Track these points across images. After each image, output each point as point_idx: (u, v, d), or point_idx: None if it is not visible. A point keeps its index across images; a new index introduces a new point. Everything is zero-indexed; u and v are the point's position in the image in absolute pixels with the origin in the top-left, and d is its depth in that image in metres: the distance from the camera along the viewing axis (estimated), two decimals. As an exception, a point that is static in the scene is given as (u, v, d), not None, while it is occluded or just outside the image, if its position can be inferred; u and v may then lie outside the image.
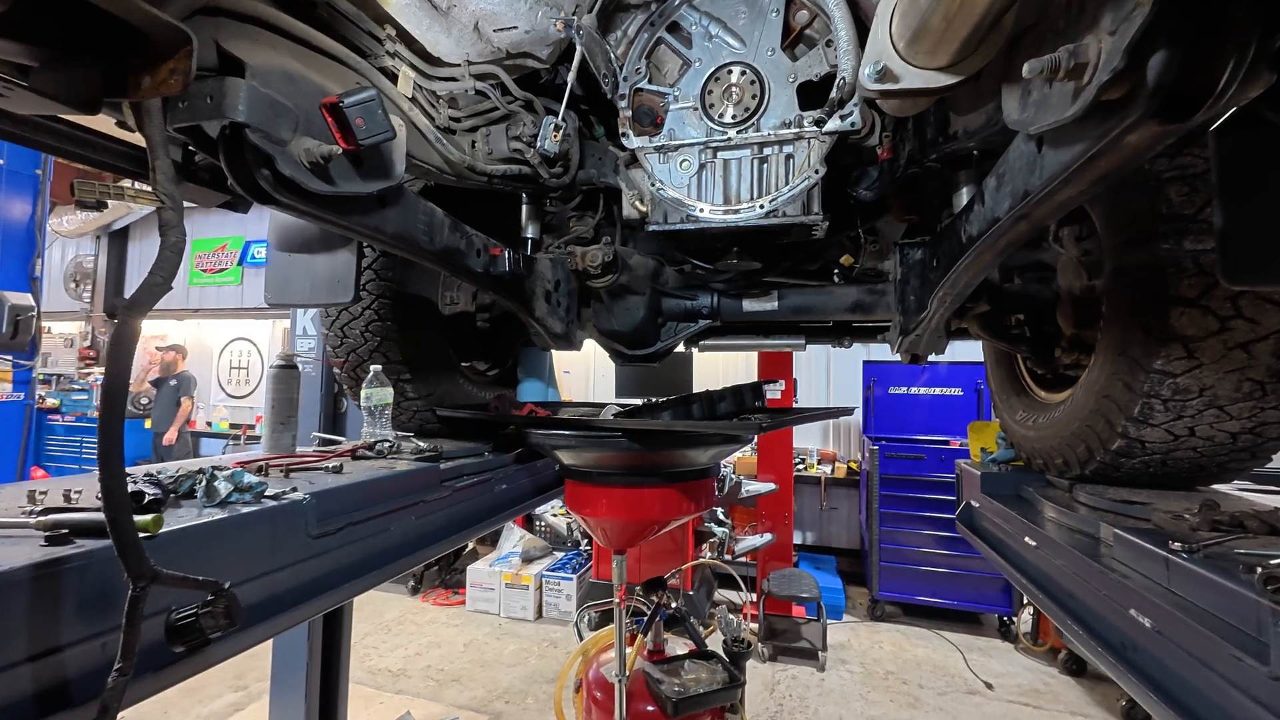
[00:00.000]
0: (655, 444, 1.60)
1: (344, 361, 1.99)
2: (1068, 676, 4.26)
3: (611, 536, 1.80)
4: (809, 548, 6.46)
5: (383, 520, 1.41)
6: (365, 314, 1.90)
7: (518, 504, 2.03)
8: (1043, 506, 1.63)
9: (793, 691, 4.04)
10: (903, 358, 1.92)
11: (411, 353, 1.97)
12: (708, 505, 1.85)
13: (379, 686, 3.97)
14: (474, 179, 1.52)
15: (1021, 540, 1.55)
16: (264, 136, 0.87)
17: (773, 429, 1.37)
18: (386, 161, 1.11)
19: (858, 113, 1.47)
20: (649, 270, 2.14)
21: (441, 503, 1.64)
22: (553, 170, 1.73)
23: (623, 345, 2.21)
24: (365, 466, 1.55)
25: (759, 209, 1.56)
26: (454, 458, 1.84)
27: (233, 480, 1.13)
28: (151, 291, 0.74)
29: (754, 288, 2.10)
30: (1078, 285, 1.63)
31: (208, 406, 9.36)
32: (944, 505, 5.08)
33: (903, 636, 4.90)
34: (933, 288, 1.50)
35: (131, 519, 0.71)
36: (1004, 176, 0.95)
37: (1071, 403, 1.61)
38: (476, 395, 2.30)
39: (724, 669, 1.96)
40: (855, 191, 1.72)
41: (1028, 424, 1.87)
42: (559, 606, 5.12)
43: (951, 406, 5.82)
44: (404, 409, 2.04)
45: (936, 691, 4.04)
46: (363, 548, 1.33)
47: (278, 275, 1.76)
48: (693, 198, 1.63)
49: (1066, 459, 1.63)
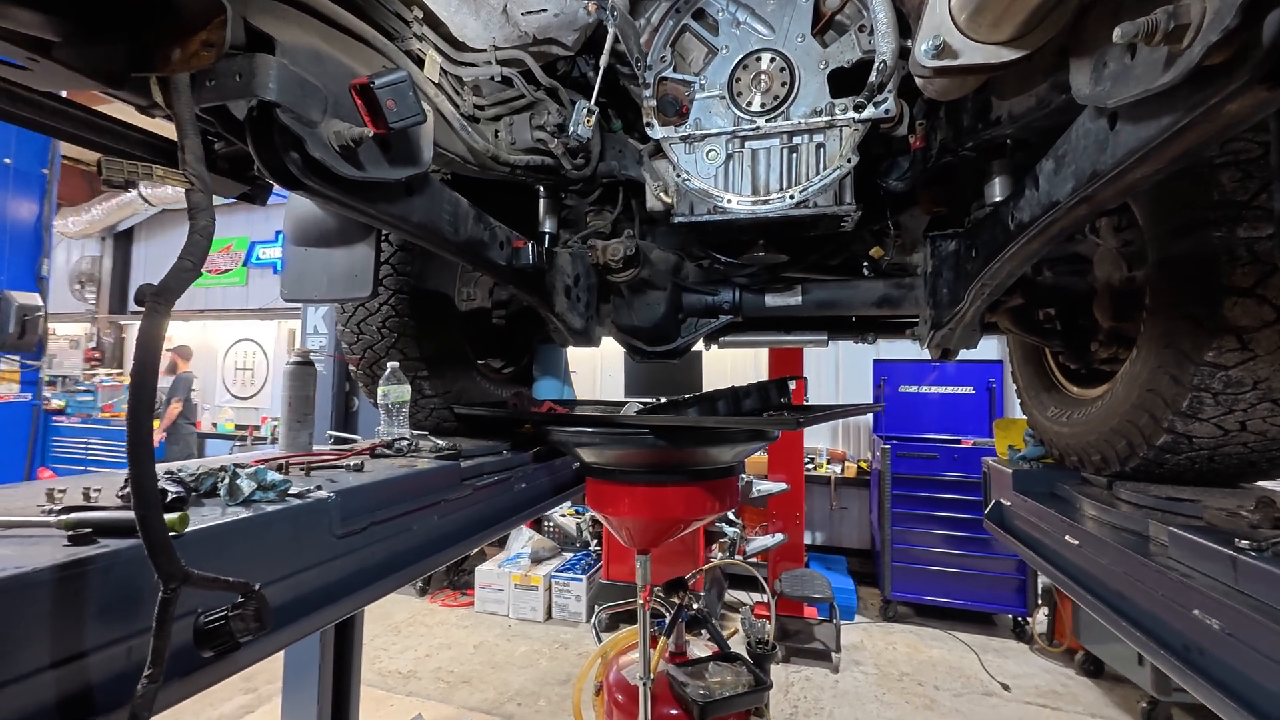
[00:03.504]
0: (683, 441, 1.56)
1: (360, 358, 1.95)
2: (1085, 678, 4.21)
3: (635, 536, 1.75)
4: (819, 548, 6.40)
5: (405, 520, 1.37)
6: (382, 310, 1.87)
7: (536, 503, 1.99)
8: (1081, 504, 1.59)
9: (807, 693, 4.00)
10: (932, 353, 1.87)
11: (429, 349, 1.93)
12: (731, 504, 1.80)
13: (389, 689, 3.93)
14: (496, 169, 1.49)
15: (1061, 539, 1.51)
16: (294, 117, 0.83)
17: (810, 424, 1.33)
18: (414, 147, 1.07)
19: (892, 99, 1.43)
20: (670, 265, 2.10)
21: (462, 502, 1.61)
22: (575, 161, 1.69)
23: (642, 341, 2.17)
24: (385, 465, 1.51)
25: (789, 199, 1.52)
26: (473, 456, 1.80)
27: (256, 478, 1.10)
28: (181, 278, 0.70)
29: (777, 282, 2.06)
30: (1117, 277, 1.59)
31: (213, 408, 9.35)
32: (956, 505, 5.03)
33: (916, 637, 4.85)
34: (969, 280, 1.45)
35: (162, 518, 0.67)
36: (1064, 158, 0.91)
37: (1110, 398, 1.56)
38: (493, 393, 2.26)
39: (748, 671, 1.91)
40: (885, 182, 1.68)
41: (1060, 420, 1.82)
42: (569, 608, 5.07)
43: (963, 405, 5.77)
44: (421, 407, 2.00)
45: (952, 693, 3.99)
46: (386, 548, 1.29)
47: (294, 270, 1.72)
48: (720, 188, 1.59)
49: (1105, 455, 1.58)
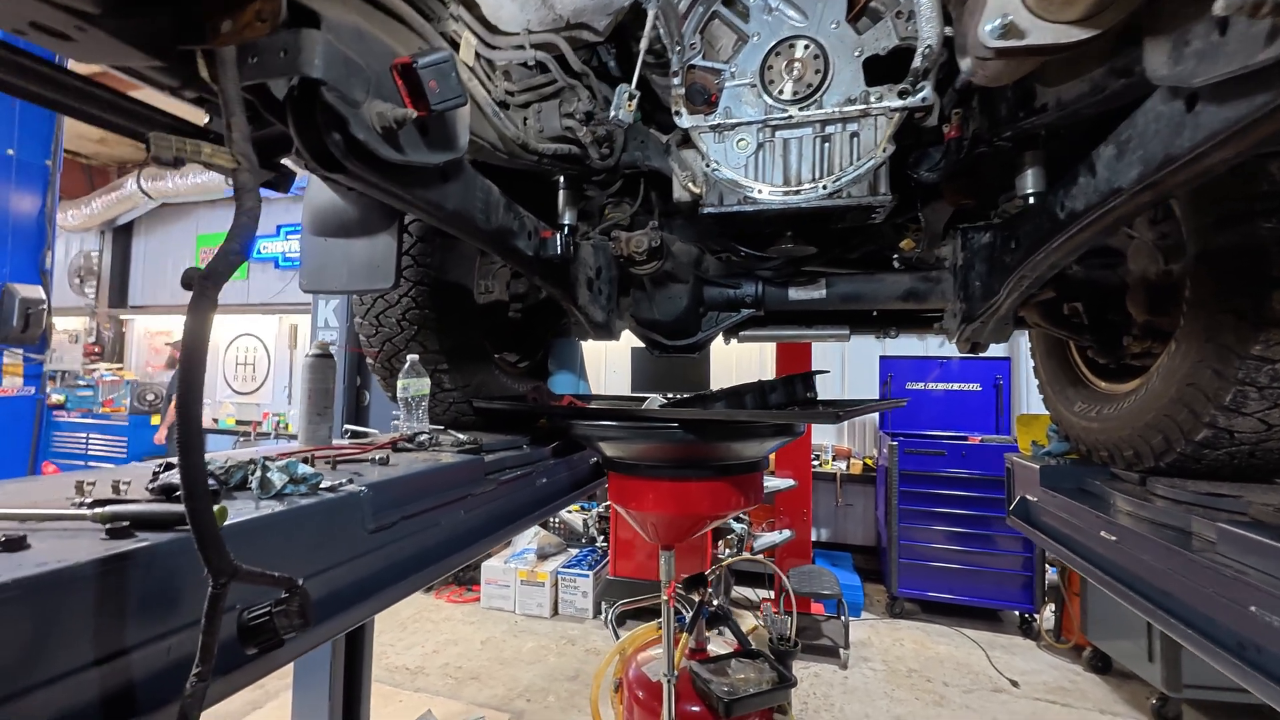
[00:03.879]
0: (711, 435, 1.53)
1: (379, 351, 1.92)
2: (1093, 674, 4.21)
3: (660, 531, 1.73)
4: (825, 544, 6.40)
5: (433, 514, 1.35)
6: (402, 301, 1.84)
7: (556, 498, 1.97)
8: (1114, 500, 1.57)
9: (816, 690, 3.99)
10: (960, 347, 1.85)
11: (449, 342, 1.90)
12: (756, 500, 1.78)
13: (398, 685, 3.91)
14: (525, 158, 1.46)
15: (1095, 535, 1.49)
16: (339, 97, 0.80)
17: (849, 417, 1.31)
18: (452, 132, 1.04)
19: (929, 87, 1.40)
20: (692, 258, 2.08)
21: (486, 496, 1.58)
22: (601, 151, 1.66)
23: (662, 335, 2.15)
24: (409, 459, 1.49)
25: (821, 190, 1.49)
26: (495, 450, 1.77)
27: (287, 471, 1.07)
28: (228, 261, 0.67)
29: (801, 275, 2.03)
30: (1153, 270, 1.56)
31: (214, 403, 9.29)
32: (963, 502, 5.02)
33: (923, 634, 4.85)
34: (1007, 272, 1.43)
35: (212, 512, 0.64)
36: (1129, 143, 0.89)
37: (1145, 392, 1.54)
38: (510, 387, 2.23)
39: (771, 668, 1.90)
40: (916, 174, 1.65)
41: (1089, 416, 1.80)
42: (575, 604, 5.06)
43: (970, 402, 5.76)
44: (439, 400, 1.97)
45: (962, 689, 3.99)
46: (415, 543, 1.27)
47: (314, 262, 1.69)
48: (750, 178, 1.56)
49: (1138, 451, 1.56)
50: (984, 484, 4.96)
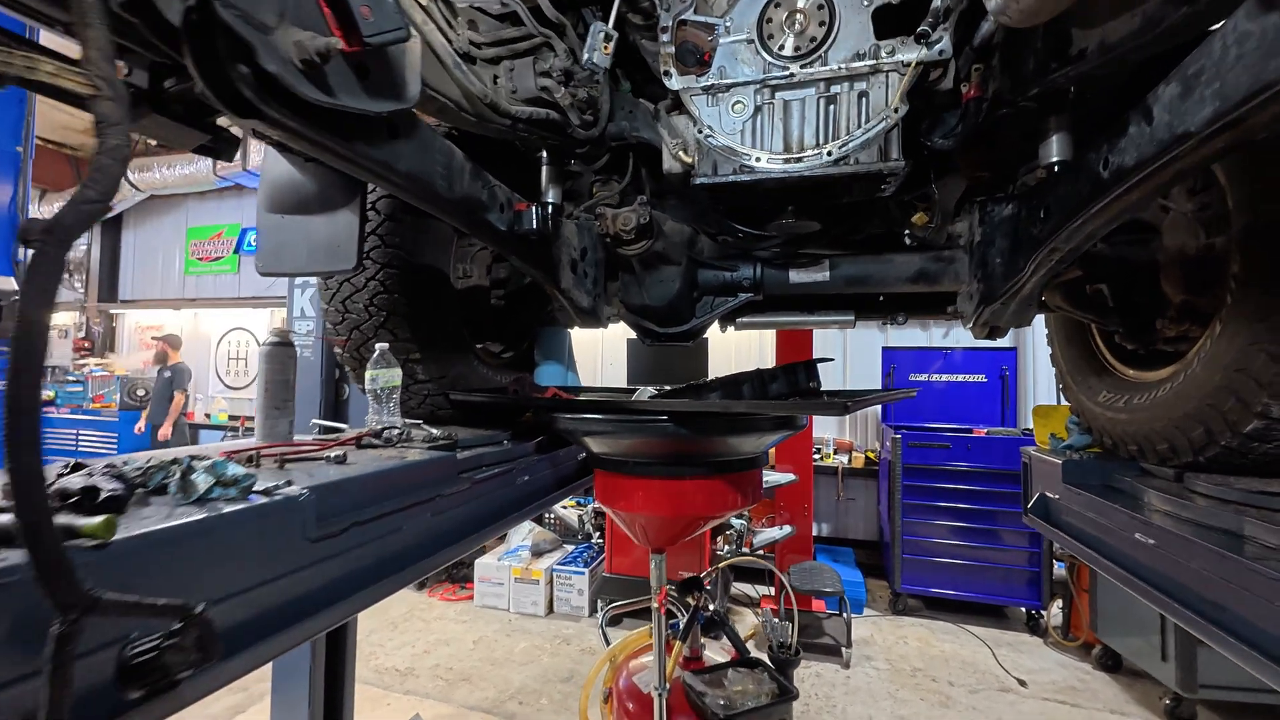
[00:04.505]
0: (705, 429, 1.39)
1: (346, 340, 1.78)
2: (1103, 673, 4.09)
3: (650, 534, 1.60)
4: (826, 539, 6.28)
5: (395, 518, 1.21)
6: (370, 285, 1.69)
7: (539, 497, 1.83)
8: (1147, 498, 1.43)
9: (818, 690, 3.88)
10: (976, 332, 1.71)
11: (422, 330, 1.76)
12: (755, 499, 1.65)
13: (386, 686, 3.80)
14: (496, 121, 1.30)
15: (1128, 537, 1.35)
16: (239, 16, 0.66)
17: (859, 407, 1.17)
18: (398, 76, 0.90)
19: (947, 39, 1.25)
20: (684, 238, 1.93)
21: (460, 497, 1.44)
22: (583, 118, 1.51)
23: (653, 322, 2.00)
24: (372, 456, 1.35)
25: (826, 156, 1.34)
26: (471, 446, 1.64)
27: (214, 472, 0.93)
28: (81, 212, 0.53)
29: (802, 256, 1.89)
30: (1192, 245, 1.42)
31: (206, 398, 9.16)
32: (968, 496, 4.89)
33: (927, 631, 4.73)
34: (1034, 246, 1.28)
35: (52, 525, 0.50)
36: (1199, 77, 0.74)
37: (1183, 380, 1.40)
38: (492, 379, 2.09)
39: (771, 679, 1.77)
40: (930, 140, 1.50)
41: (1116, 406, 1.66)
42: (570, 602, 4.94)
43: (975, 393, 5.62)
44: (413, 393, 1.83)
45: (968, 689, 3.87)
46: (372, 551, 1.13)
47: (270, 241, 1.54)
48: (747, 145, 1.41)
49: (1174, 444, 1.42)
50: (989, 477, 4.83)
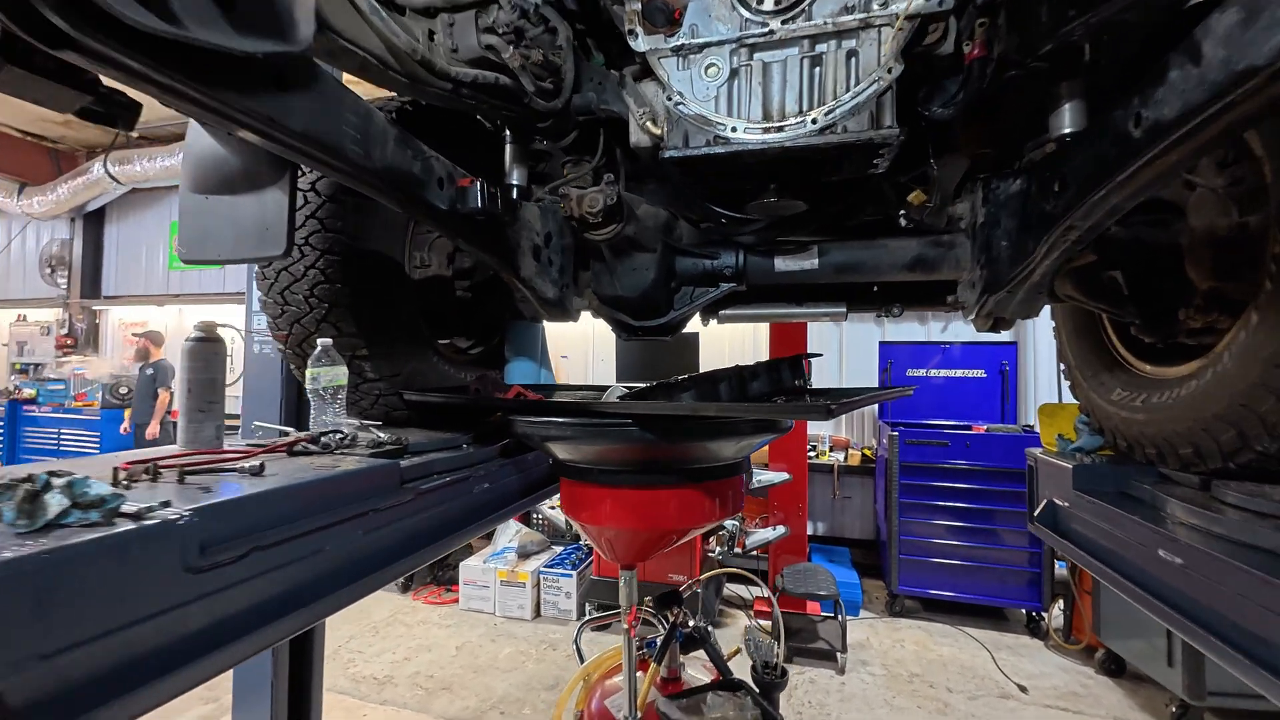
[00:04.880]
0: (675, 433, 1.24)
1: (287, 335, 1.62)
2: (1106, 677, 3.97)
3: (618, 549, 1.44)
4: (821, 539, 6.15)
5: (314, 538, 1.05)
6: (310, 274, 1.53)
7: (503, 506, 1.67)
8: (1168, 508, 1.28)
9: (811, 697, 3.74)
10: (978, 324, 1.55)
11: (370, 323, 1.60)
12: (736, 509, 1.50)
13: (362, 696, 3.65)
14: (432, 84, 1.14)
15: (1151, 554, 1.20)
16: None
17: (842, 411, 1.02)
18: (281, 13, 0.73)
19: (949, -14, 1.09)
20: (659, 222, 1.77)
21: (401, 510, 1.29)
22: (541, 85, 1.35)
23: (628, 315, 1.85)
24: (301, 466, 1.19)
25: (810, 124, 1.18)
26: (423, 451, 1.48)
27: (71, 492, 0.77)
28: None
29: (788, 242, 1.73)
30: (1223, 224, 1.26)
31: (191, 396, 8.98)
32: (967, 495, 4.75)
33: (925, 634, 4.60)
34: (1047, 224, 1.13)
35: None
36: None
37: (1211, 376, 1.25)
38: (455, 377, 1.93)
39: (754, 703, 1.62)
40: (928, 110, 1.34)
41: (1132, 405, 1.51)
42: (558, 605, 4.80)
43: (974, 389, 5.48)
44: (363, 393, 1.67)
45: (967, 696, 3.75)
46: (283, 579, 0.98)
47: (194, 226, 1.37)
48: (722, 113, 1.25)
49: (1200, 448, 1.28)
50: (989, 476, 4.69)
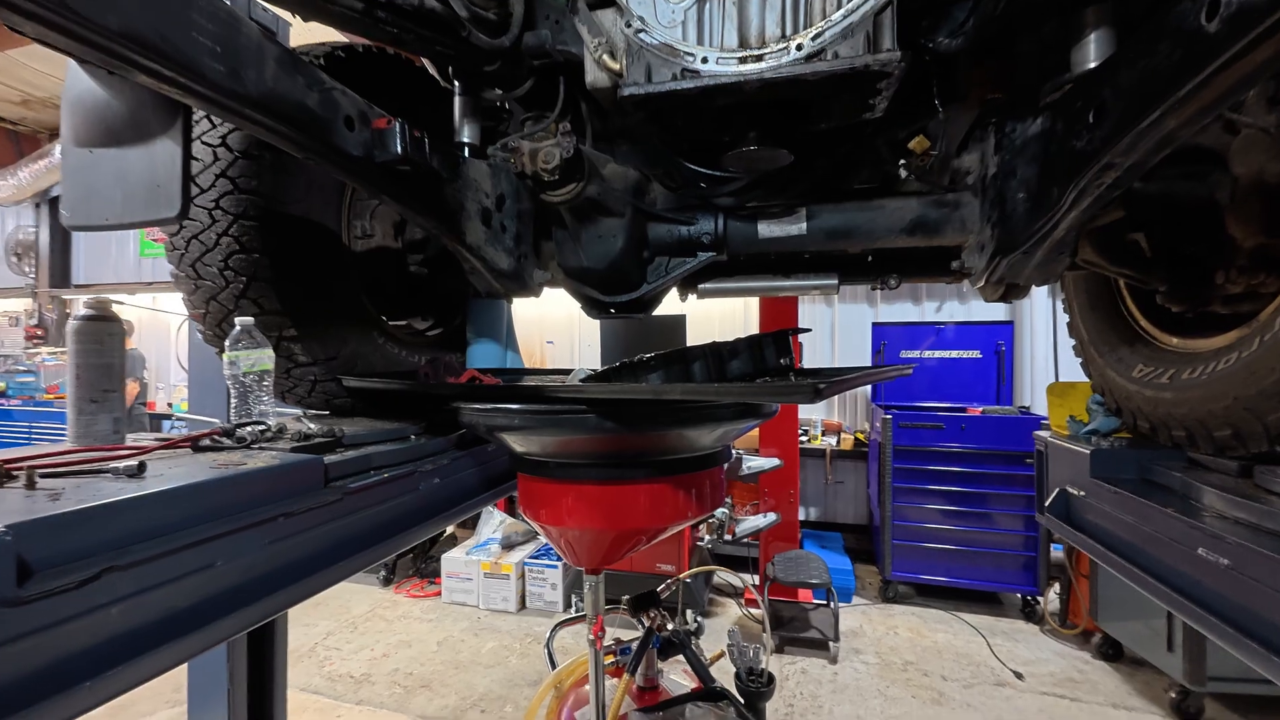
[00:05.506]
0: (641, 421, 1.07)
1: (204, 313, 1.42)
2: (1102, 662, 3.89)
3: (580, 552, 1.28)
4: (813, 524, 6.04)
5: (199, 553, 0.87)
6: (223, 243, 1.32)
7: (458, 503, 1.50)
8: (1204, 498, 1.12)
9: (803, 688, 3.64)
10: (987, 293, 1.38)
11: (299, 300, 1.40)
12: (715, 504, 1.33)
13: (337, 696, 3.51)
14: (338, 2, 0.94)
15: (1189, 553, 1.05)
16: None
17: (833, 393, 0.85)
18: None
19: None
20: (629, 184, 1.57)
21: (323, 513, 1.11)
22: (479, 12, 1.14)
23: (596, 289, 1.65)
24: (198, 465, 1.01)
25: (795, 51, 0.99)
26: (361, 444, 1.31)
27: None
28: None
29: (772, 205, 1.54)
30: (1275, 169, 1.09)
31: (167, 386, 8.73)
32: (961, 478, 4.62)
33: (919, 620, 4.51)
34: (1077, 167, 0.95)
35: None
36: None
37: (1257, 347, 1.08)
38: (406, 360, 1.74)
39: (738, 715, 1.47)
40: (933, 41, 1.16)
41: (1158, 383, 1.35)
42: (544, 596, 4.67)
43: (969, 370, 5.35)
44: (296, 379, 1.49)
45: (962, 684, 3.65)
46: (151, 605, 0.80)
47: (78, 185, 1.17)
48: (690, 41, 1.05)
49: (1241, 430, 1.11)
50: (983, 459, 4.56)
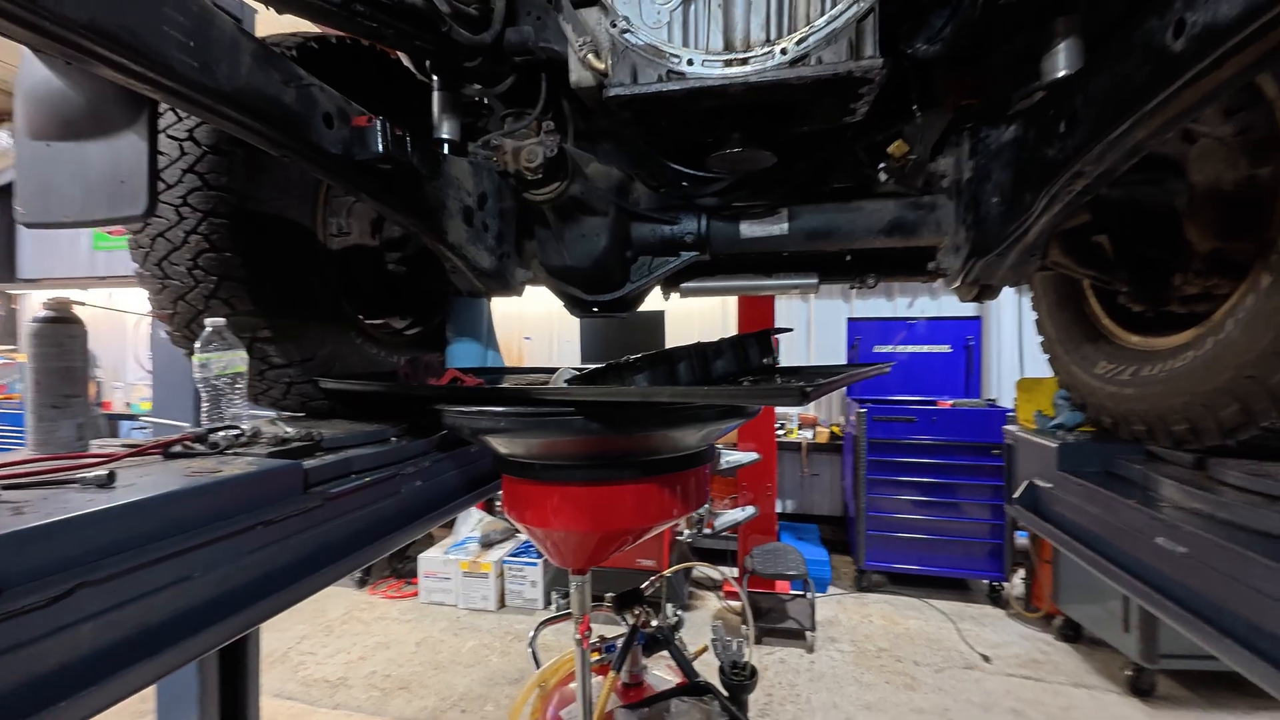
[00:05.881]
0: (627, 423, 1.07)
1: (171, 314, 1.37)
2: (1064, 643, 4.06)
3: (566, 552, 1.28)
4: (790, 516, 6.15)
5: (175, 564, 0.85)
6: (192, 241, 1.28)
7: (441, 505, 1.48)
8: (1163, 489, 1.18)
9: (782, 678, 3.71)
10: (962, 294, 1.42)
11: (272, 300, 1.37)
12: (699, 502, 1.34)
13: (313, 701, 3.45)
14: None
15: (1147, 541, 1.10)
16: None
17: (821, 393, 0.87)
18: None
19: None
20: (612, 183, 1.57)
21: (304, 519, 1.09)
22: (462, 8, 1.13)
23: (579, 288, 1.65)
24: (171, 473, 0.98)
25: (780, 55, 1.00)
26: (340, 448, 1.28)
27: None
28: None
29: (755, 205, 1.56)
30: (1229, 177, 1.14)
31: (125, 386, 8.38)
32: (932, 469, 4.74)
33: (892, 608, 4.64)
34: (1049, 173, 0.98)
35: None
36: None
37: (1212, 346, 1.14)
38: (385, 360, 1.71)
39: (722, 709, 1.50)
40: (912, 47, 1.18)
41: (1119, 379, 1.41)
42: (523, 594, 4.65)
43: (939, 364, 5.49)
44: (271, 380, 1.45)
45: (933, 668, 3.77)
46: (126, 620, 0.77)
47: (34, 180, 1.12)
48: (676, 42, 1.05)
49: (1196, 425, 1.18)
50: (953, 450, 4.69)
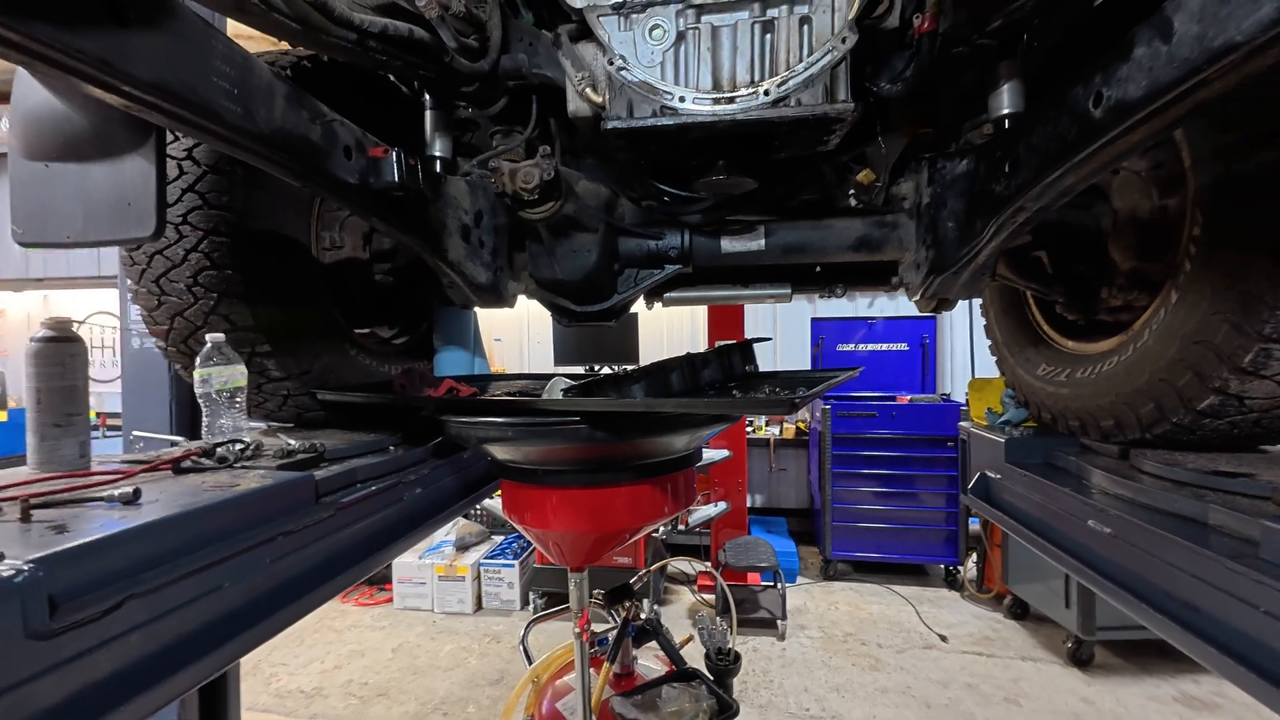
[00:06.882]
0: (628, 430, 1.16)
1: (167, 330, 1.38)
2: (1012, 621, 4.37)
3: (566, 552, 1.36)
4: (759, 510, 6.35)
5: (209, 576, 0.90)
6: (192, 259, 1.30)
7: (440, 510, 1.54)
8: (1093, 478, 1.35)
9: (755, 665, 3.87)
10: (922, 305, 1.57)
11: (271, 314, 1.39)
12: (689, 500, 1.45)
13: (288, 712, 3.40)
14: (332, 33, 0.96)
15: (1081, 524, 1.26)
16: None
17: (807, 402, 0.97)
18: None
19: (902, -48, 1.05)
20: (601, 200, 1.65)
21: (319, 528, 1.14)
22: (464, 41, 1.19)
23: (569, 300, 1.73)
24: (189, 487, 1.02)
25: (763, 96, 1.11)
26: (342, 458, 1.33)
27: None
28: None
29: (734, 222, 1.67)
30: (1144, 206, 1.32)
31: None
32: (891, 462, 4.99)
33: (857, 595, 4.87)
34: (996, 205, 1.12)
35: None
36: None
37: (1132, 352, 1.32)
38: (377, 370, 1.75)
39: (710, 692, 1.61)
40: (876, 86, 1.31)
41: (1056, 379, 1.58)
42: (500, 596, 4.68)
43: (897, 361, 5.77)
44: (268, 394, 1.48)
45: (895, 650, 4.00)
46: (166, 631, 0.82)
47: (31, 200, 1.13)
48: (669, 81, 1.15)
49: (1120, 420, 1.35)
50: (910, 443, 4.95)
